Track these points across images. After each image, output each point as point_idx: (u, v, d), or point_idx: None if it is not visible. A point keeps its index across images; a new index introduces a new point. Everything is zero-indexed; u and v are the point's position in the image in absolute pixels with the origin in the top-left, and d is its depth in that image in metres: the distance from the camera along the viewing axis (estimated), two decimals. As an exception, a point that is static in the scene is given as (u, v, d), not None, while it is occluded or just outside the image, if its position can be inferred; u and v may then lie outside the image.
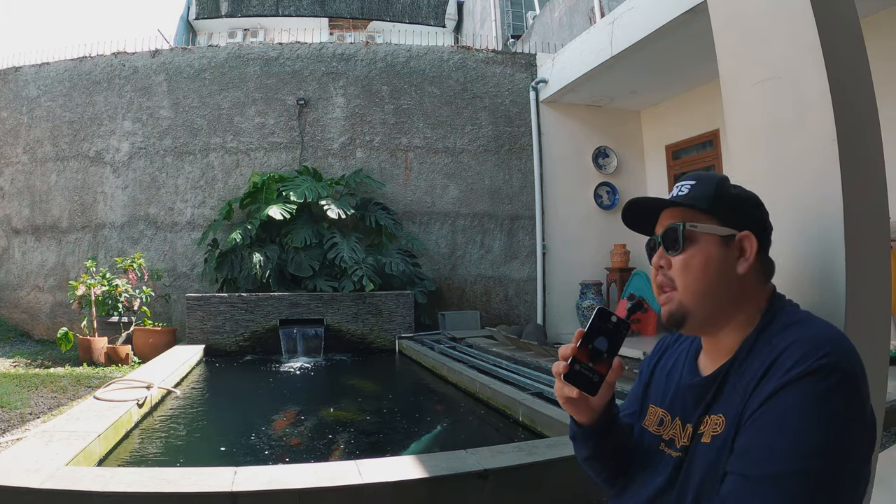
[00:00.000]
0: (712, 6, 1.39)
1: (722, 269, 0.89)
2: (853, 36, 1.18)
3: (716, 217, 0.91)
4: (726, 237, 0.90)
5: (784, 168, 1.19)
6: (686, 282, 0.90)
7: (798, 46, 1.14)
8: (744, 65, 1.29)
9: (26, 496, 1.95)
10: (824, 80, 1.09)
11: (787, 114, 1.19)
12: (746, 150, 1.29)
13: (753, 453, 0.74)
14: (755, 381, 0.80)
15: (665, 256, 0.94)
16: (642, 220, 1.02)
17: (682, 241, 0.91)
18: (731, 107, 1.33)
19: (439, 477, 2.13)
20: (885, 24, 4.10)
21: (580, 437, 1.00)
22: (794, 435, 0.71)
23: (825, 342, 0.76)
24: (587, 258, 6.98)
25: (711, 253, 0.90)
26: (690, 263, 0.90)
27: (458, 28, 16.88)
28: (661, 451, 0.94)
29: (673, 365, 1.03)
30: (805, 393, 0.73)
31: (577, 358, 0.88)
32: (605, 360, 0.89)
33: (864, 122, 1.14)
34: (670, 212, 0.96)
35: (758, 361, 0.82)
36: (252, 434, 3.38)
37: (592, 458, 1.02)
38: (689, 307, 0.90)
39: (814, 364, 0.74)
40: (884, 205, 1.17)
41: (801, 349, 0.77)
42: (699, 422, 0.88)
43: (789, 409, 0.73)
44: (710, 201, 0.92)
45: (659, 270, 0.95)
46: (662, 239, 0.94)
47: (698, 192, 0.94)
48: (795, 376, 0.74)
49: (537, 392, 3.63)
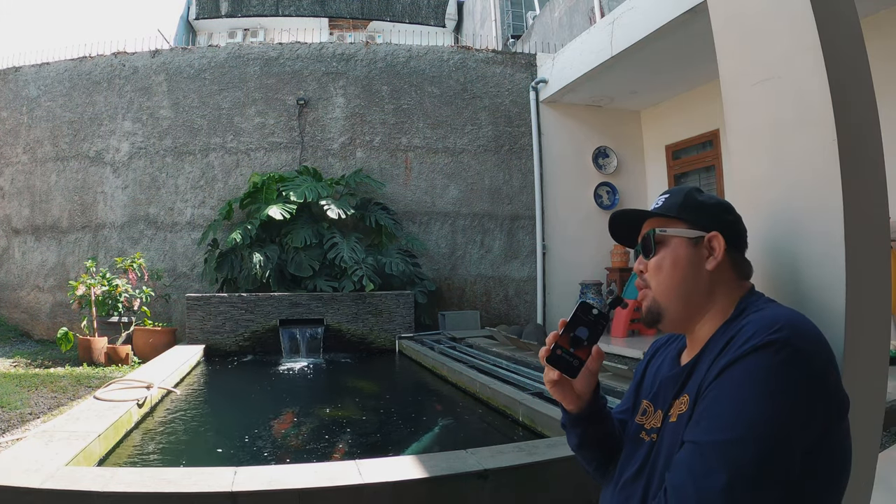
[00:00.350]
0: (712, 6, 1.39)
1: (690, 268, 0.97)
2: (853, 36, 1.18)
3: (684, 221, 1.00)
4: (695, 239, 0.98)
5: (784, 168, 1.19)
6: (657, 280, 0.99)
7: (798, 46, 1.14)
8: (744, 65, 1.29)
9: (26, 496, 1.95)
10: (824, 80, 1.09)
11: (787, 114, 1.19)
12: (746, 151, 1.29)
13: (703, 423, 0.79)
14: (714, 356, 0.86)
15: (643, 261, 1.03)
16: (628, 234, 1.11)
17: (653, 245, 1.01)
18: (731, 107, 1.33)
19: (439, 477, 2.13)
20: (885, 24, 4.10)
21: (569, 425, 1.08)
22: (741, 404, 0.75)
23: (778, 321, 0.80)
24: (587, 258, 6.98)
25: (680, 253, 0.98)
26: (661, 264, 0.99)
27: (458, 28, 16.88)
28: (641, 439, 0.99)
29: (662, 362, 1.09)
30: (754, 365, 0.77)
31: (559, 343, 0.96)
32: (585, 348, 0.97)
33: (864, 122, 1.14)
34: (648, 222, 1.05)
35: (721, 343, 0.87)
36: (252, 434, 3.38)
37: (581, 447, 1.09)
38: (662, 303, 0.98)
39: (764, 339, 0.78)
40: (884, 205, 1.17)
41: (754, 327, 0.81)
42: (669, 405, 0.94)
43: (738, 381, 0.77)
44: (678, 208, 1.01)
45: (640, 275, 1.04)
46: (641, 246, 1.04)
47: (669, 202, 1.03)
48: (747, 350, 0.78)
49: (537, 392, 3.63)
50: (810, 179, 1.13)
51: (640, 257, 1.04)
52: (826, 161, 1.10)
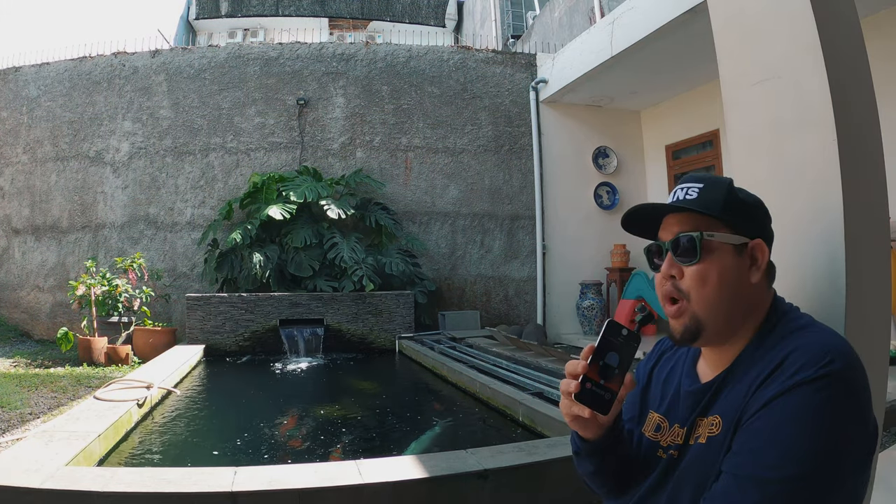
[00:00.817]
0: (712, 6, 1.39)
1: (736, 280, 0.87)
2: (853, 36, 1.18)
3: (727, 224, 0.88)
4: (739, 246, 0.88)
5: (784, 168, 1.19)
6: (702, 294, 0.87)
7: (798, 46, 1.14)
8: (744, 65, 1.29)
9: (26, 496, 1.95)
10: (824, 80, 1.09)
11: (787, 114, 1.19)
12: (746, 151, 1.29)
13: (747, 454, 0.75)
14: (756, 384, 0.79)
15: (676, 265, 0.89)
16: (643, 224, 0.98)
17: (699, 252, 0.87)
18: (731, 107, 1.33)
19: (439, 477, 2.13)
20: (885, 24, 4.10)
21: (585, 454, 0.96)
22: (789, 441, 0.72)
23: (828, 350, 0.76)
24: (587, 258, 6.98)
25: (727, 264, 0.87)
26: (707, 275, 0.86)
27: (458, 28, 16.88)
28: (658, 457, 0.93)
29: (671, 370, 1.02)
30: (804, 401, 0.73)
31: (588, 376, 0.84)
32: (617, 377, 0.85)
33: (864, 122, 1.14)
34: (677, 217, 0.92)
35: (760, 365, 0.81)
36: (252, 434, 3.38)
37: (596, 473, 0.98)
38: (704, 320, 0.87)
39: (816, 372, 0.74)
40: (884, 205, 1.17)
41: (804, 356, 0.76)
42: (694, 424, 0.88)
43: (787, 416, 0.73)
44: (722, 207, 0.88)
45: (669, 280, 0.91)
46: (672, 246, 0.90)
47: (709, 196, 0.89)
48: (796, 383, 0.74)
49: (537, 392, 3.63)
50: (810, 179, 1.13)
51: (670, 259, 0.90)
52: (826, 161, 1.10)
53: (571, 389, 0.85)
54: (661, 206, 0.93)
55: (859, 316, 1.05)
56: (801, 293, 1.09)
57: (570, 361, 0.88)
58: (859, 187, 1.09)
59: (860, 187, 1.09)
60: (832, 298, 1.06)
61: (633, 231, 1.01)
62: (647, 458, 0.95)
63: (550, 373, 4.24)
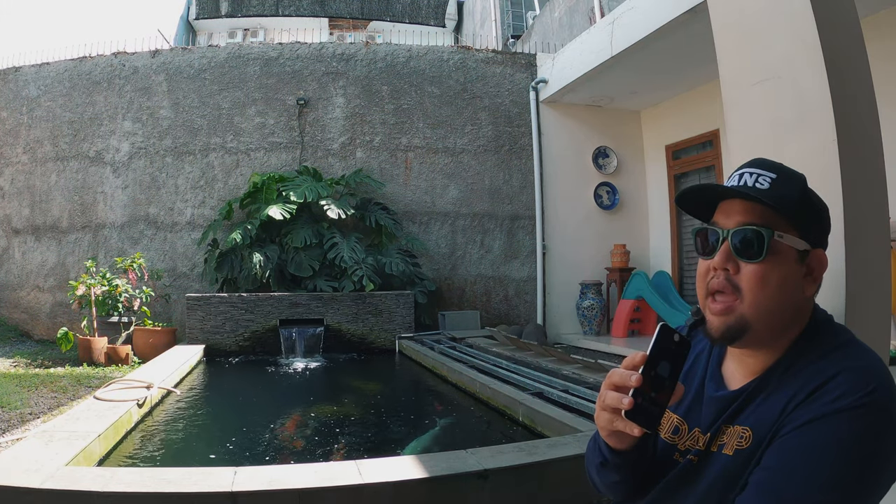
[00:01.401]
0: (712, 6, 1.39)
1: (793, 288, 0.82)
2: (853, 36, 1.18)
3: (797, 227, 0.82)
4: (802, 252, 0.82)
5: (784, 168, 1.19)
6: (759, 296, 0.80)
7: (798, 46, 1.15)
8: (744, 65, 1.29)
9: (26, 496, 1.95)
10: (824, 80, 1.09)
11: (787, 114, 1.19)
12: (746, 151, 1.29)
13: (779, 473, 0.73)
14: (796, 402, 0.76)
15: (734, 259, 0.82)
16: (699, 202, 0.91)
17: (765, 250, 0.80)
18: (731, 107, 1.33)
19: (439, 477, 2.13)
20: (885, 24, 4.10)
21: (614, 466, 0.89)
22: (826, 465, 0.71)
23: (872, 378, 0.74)
24: (587, 258, 6.98)
25: (789, 269, 0.81)
26: (768, 277, 0.80)
27: (458, 28, 16.88)
28: (675, 461, 0.90)
29: (691, 368, 0.96)
30: (844, 426, 0.72)
31: (640, 389, 0.75)
32: (667, 388, 0.77)
33: (864, 122, 1.14)
34: (743, 205, 0.83)
35: (800, 381, 0.78)
36: (252, 434, 3.38)
37: (620, 483, 0.92)
38: (753, 323, 0.81)
39: (859, 400, 0.72)
40: (884, 205, 1.17)
41: (848, 381, 0.74)
42: (719, 431, 0.85)
43: (827, 440, 0.72)
44: (796, 207, 0.82)
45: (721, 271, 0.83)
46: (734, 237, 0.82)
47: (782, 191, 0.82)
48: (840, 408, 0.72)
49: (537, 392, 3.63)
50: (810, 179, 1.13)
51: (729, 251, 0.82)
52: (826, 161, 1.10)
53: (624, 406, 0.76)
54: (732, 191, 0.85)
55: (859, 316, 1.05)
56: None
57: (615, 371, 0.80)
58: (859, 187, 1.09)
59: (860, 187, 1.09)
60: (832, 298, 1.06)
61: (687, 208, 0.93)
62: (661, 460, 0.92)
63: (550, 373, 4.24)
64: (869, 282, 1.09)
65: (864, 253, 1.08)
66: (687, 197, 0.91)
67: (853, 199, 1.07)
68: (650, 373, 0.76)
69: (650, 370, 0.77)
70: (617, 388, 0.78)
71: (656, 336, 0.78)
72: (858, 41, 1.18)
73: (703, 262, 0.86)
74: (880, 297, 1.12)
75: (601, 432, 0.84)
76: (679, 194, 0.91)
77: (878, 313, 1.12)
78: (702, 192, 0.89)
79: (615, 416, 0.78)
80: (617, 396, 0.77)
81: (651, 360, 0.77)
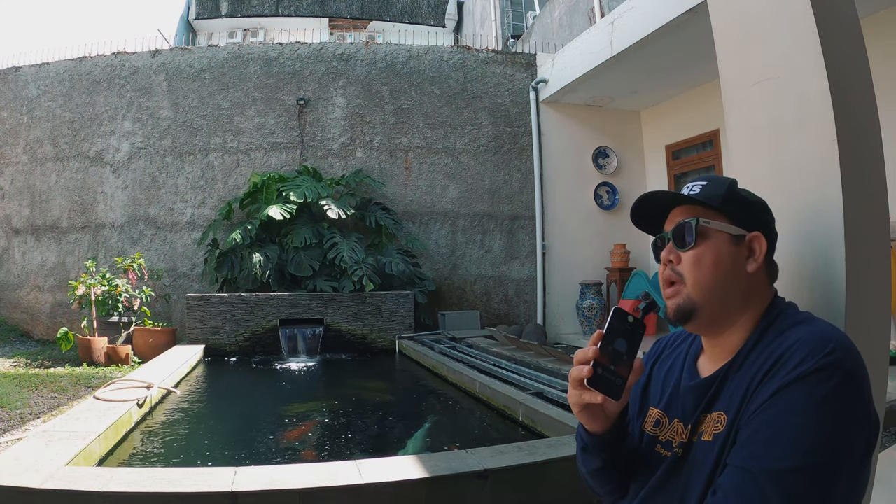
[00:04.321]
0: (712, 6, 1.39)
1: (732, 267, 0.91)
2: (853, 36, 1.18)
3: (727, 216, 0.93)
4: (737, 236, 0.92)
5: (784, 168, 1.19)
6: (696, 277, 0.91)
7: (798, 46, 1.15)
8: (744, 65, 1.29)
9: (26, 496, 1.95)
10: (824, 80, 1.09)
11: (787, 114, 1.19)
12: (746, 151, 1.29)
13: (755, 447, 0.76)
14: (759, 377, 0.81)
15: (674, 251, 0.94)
16: (650, 219, 1.03)
17: (694, 237, 0.92)
18: (731, 107, 1.33)
19: (439, 477, 2.13)
20: (885, 24, 4.10)
21: (593, 448, 0.97)
22: (796, 432, 0.73)
23: (828, 341, 0.77)
24: (587, 258, 6.98)
25: (722, 250, 0.91)
26: (702, 259, 0.91)
27: (458, 28, 16.88)
28: (657, 453, 0.94)
29: (671, 366, 1.03)
30: (808, 391, 0.74)
31: (599, 361, 0.85)
32: (626, 362, 0.87)
33: (864, 122, 1.14)
34: (681, 209, 0.97)
35: (762, 359, 0.83)
36: (252, 433, 3.38)
37: (602, 469, 0.98)
38: (698, 302, 0.90)
39: (818, 362, 0.75)
40: (884, 205, 1.17)
41: (805, 348, 0.78)
42: (698, 421, 0.89)
43: (793, 407, 0.74)
44: (722, 200, 0.94)
45: (668, 265, 0.95)
46: (673, 234, 0.95)
47: (710, 191, 0.95)
48: (800, 374, 0.75)
49: (537, 392, 3.63)
50: (810, 179, 1.13)
51: (670, 246, 0.95)
52: (826, 161, 1.10)
53: (584, 375, 0.85)
54: (668, 196, 0.99)
55: (859, 316, 1.05)
56: (801, 293, 1.09)
57: (579, 350, 0.89)
58: (859, 187, 1.09)
59: (860, 187, 1.09)
60: (832, 299, 1.06)
61: (642, 226, 1.06)
62: (646, 453, 0.96)
63: (550, 373, 4.24)
64: (869, 282, 1.09)
65: (864, 253, 1.08)
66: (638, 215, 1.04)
67: (853, 199, 1.07)
68: (608, 348, 0.86)
69: (608, 346, 0.86)
70: (580, 362, 0.87)
71: (611, 317, 0.88)
72: (858, 41, 1.18)
73: (660, 266, 0.99)
74: (880, 297, 1.12)
75: (574, 410, 0.92)
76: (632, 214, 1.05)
77: (878, 313, 1.12)
78: (645, 209, 1.02)
79: (581, 389, 0.87)
80: (580, 368, 0.87)
81: (607, 336, 0.87)
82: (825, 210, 1.08)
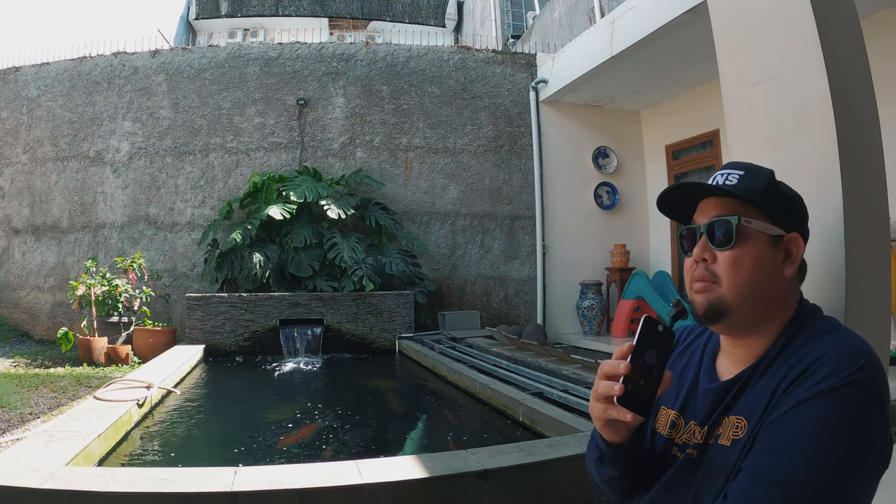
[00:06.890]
0: (712, 6, 1.39)
1: (770, 271, 0.86)
2: (853, 36, 1.18)
3: (767, 214, 0.87)
4: (776, 237, 0.87)
5: (784, 168, 1.19)
6: (734, 279, 0.85)
7: (798, 46, 1.15)
8: (744, 65, 1.29)
9: (26, 496, 1.95)
10: (824, 80, 1.09)
11: (787, 114, 1.19)
12: (746, 151, 1.29)
13: (770, 455, 0.74)
14: (785, 385, 0.78)
15: (709, 249, 0.88)
16: (678, 206, 0.97)
17: (734, 237, 0.86)
18: (731, 107, 1.33)
19: (439, 477, 2.13)
20: (885, 24, 4.10)
21: (610, 459, 0.92)
22: (813, 445, 0.72)
23: (859, 356, 0.76)
24: (587, 258, 6.98)
25: (762, 252, 0.86)
26: (742, 261, 0.85)
27: (458, 28, 16.88)
28: (673, 455, 0.91)
29: (686, 365, 0.99)
30: (832, 406, 0.73)
31: (629, 377, 0.80)
32: (655, 376, 0.81)
33: (864, 122, 1.14)
34: (715, 201, 0.90)
35: (787, 366, 0.81)
36: (252, 434, 3.38)
37: (618, 478, 0.94)
38: (733, 304, 0.85)
39: (845, 379, 0.73)
40: (884, 205, 1.17)
41: (834, 361, 0.76)
42: (716, 423, 0.87)
43: (814, 420, 0.73)
44: (763, 196, 0.87)
45: (700, 263, 0.89)
46: (708, 230, 0.89)
47: (749, 183, 0.88)
48: (826, 388, 0.74)
49: (537, 392, 3.63)
50: (810, 179, 1.13)
51: (704, 243, 0.88)
52: (826, 161, 1.10)
53: (615, 393, 0.80)
54: (701, 187, 0.92)
55: (859, 316, 1.05)
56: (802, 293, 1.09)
57: (605, 362, 0.84)
58: (859, 187, 1.09)
59: (860, 187, 1.09)
60: (832, 299, 1.06)
61: (667, 212, 1.00)
62: (660, 455, 0.93)
63: (550, 373, 4.24)
64: (869, 282, 1.09)
65: (864, 253, 1.08)
66: (666, 199, 0.98)
67: (853, 199, 1.07)
68: (638, 361, 0.81)
69: (638, 359, 0.81)
70: (608, 377, 0.82)
71: (641, 327, 0.82)
72: (858, 41, 1.19)
73: (688, 260, 0.92)
74: (880, 297, 1.12)
75: (596, 423, 0.88)
76: (659, 197, 0.99)
77: (878, 313, 1.12)
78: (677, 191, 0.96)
79: (608, 404, 0.82)
80: (608, 385, 0.81)
81: (638, 349, 0.81)
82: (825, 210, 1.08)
